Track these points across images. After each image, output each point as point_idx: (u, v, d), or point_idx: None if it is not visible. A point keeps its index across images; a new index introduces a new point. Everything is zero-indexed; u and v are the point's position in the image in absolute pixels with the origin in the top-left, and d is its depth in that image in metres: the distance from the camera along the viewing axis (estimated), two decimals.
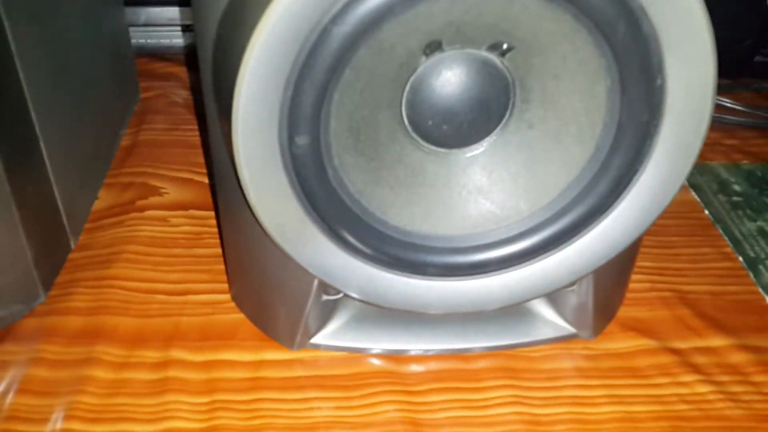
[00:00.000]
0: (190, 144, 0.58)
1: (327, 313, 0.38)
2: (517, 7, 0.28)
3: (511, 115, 0.33)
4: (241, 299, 0.42)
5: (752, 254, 0.46)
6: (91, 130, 0.52)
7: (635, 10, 0.27)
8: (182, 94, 0.65)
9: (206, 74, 0.33)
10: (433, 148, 0.34)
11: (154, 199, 0.51)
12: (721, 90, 0.63)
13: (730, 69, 0.63)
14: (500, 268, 0.35)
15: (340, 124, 0.31)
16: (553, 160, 0.33)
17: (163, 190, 0.52)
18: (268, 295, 0.38)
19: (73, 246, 0.47)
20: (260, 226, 0.32)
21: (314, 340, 0.38)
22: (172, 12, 0.66)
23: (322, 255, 0.33)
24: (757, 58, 0.60)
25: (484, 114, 0.33)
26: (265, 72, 0.27)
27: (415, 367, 0.38)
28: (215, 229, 0.49)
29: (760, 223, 0.49)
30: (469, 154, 0.34)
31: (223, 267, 0.45)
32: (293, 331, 0.38)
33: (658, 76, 0.29)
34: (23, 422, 0.35)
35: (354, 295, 0.34)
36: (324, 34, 0.27)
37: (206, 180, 0.54)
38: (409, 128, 0.33)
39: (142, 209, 0.50)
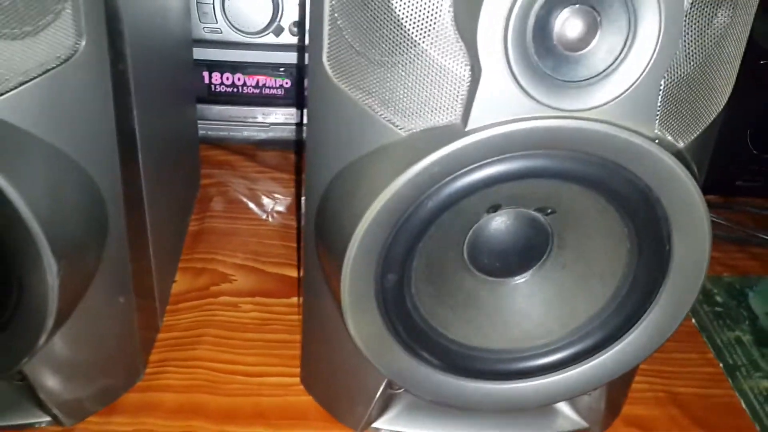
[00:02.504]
0: (250, 233, 0.67)
1: (388, 401, 0.47)
2: (562, 188, 0.38)
3: (548, 256, 0.42)
4: (310, 383, 0.50)
5: (731, 361, 0.55)
6: (174, 217, 0.61)
7: (652, 199, 0.37)
8: (238, 182, 0.74)
9: (310, 218, 0.42)
10: (486, 277, 0.43)
11: (225, 286, 0.60)
12: (709, 207, 0.74)
13: (715, 188, 0.73)
14: (535, 376, 0.43)
15: (419, 262, 0.40)
16: (581, 295, 0.42)
17: (232, 277, 0.61)
18: (341, 385, 0.47)
19: (160, 326, 0.55)
20: (351, 339, 0.40)
21: (376, 424, 0.47)
22: (234, 111, 0.76)
23: (396, 362, 0.41)
24: (738, 183, 0.71)
25: (527, 255, 0.42)
26: (372, 232, 0.36)
27: None
28: (279, 316, 0.57)
29: (737, 332, 0.58)
30: (513, 283, 0.43)
31: (289, 352, 0.53)
32: (359, 417, 0.46)
33: (667, 244, 0.38)
34: None
35: (420, 395, 0.43)
36: (419, 205, 0.36)
37: (267, 269, 0.62)
38: (468, 263, 0.42)
39: (216, 295, 0.59)
